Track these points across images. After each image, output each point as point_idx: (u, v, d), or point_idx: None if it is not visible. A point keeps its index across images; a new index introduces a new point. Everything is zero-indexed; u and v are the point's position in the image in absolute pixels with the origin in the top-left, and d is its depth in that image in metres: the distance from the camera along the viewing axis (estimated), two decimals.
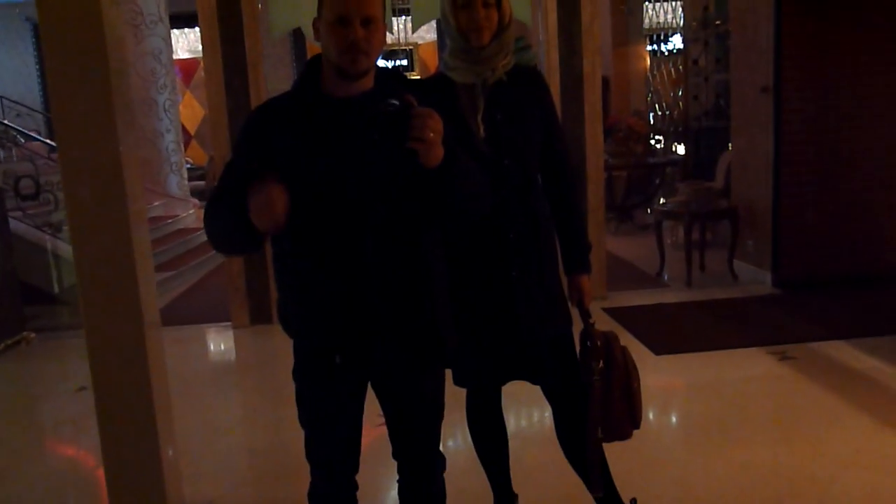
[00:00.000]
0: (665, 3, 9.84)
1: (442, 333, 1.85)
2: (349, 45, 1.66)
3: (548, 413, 2.40)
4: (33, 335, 3.28)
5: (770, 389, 3.81)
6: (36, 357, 5.18)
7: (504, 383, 2.34)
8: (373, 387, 1.90)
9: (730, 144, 6.66)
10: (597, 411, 2.18)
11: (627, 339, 4.50)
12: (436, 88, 2.12)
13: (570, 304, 2.29)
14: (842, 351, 4.22)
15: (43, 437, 3.98)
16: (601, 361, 2.19)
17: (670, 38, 9.85)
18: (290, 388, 1.89)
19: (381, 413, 1.94)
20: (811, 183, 5.54)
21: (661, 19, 10.05)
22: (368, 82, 1.75)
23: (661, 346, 4.44)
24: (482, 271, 2.12)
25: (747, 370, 4.07)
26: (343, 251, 1.73)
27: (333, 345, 1.80)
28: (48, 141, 7.54)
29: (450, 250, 1.93)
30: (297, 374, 1.88)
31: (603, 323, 4.67)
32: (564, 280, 2.28)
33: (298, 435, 1.93)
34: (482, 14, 2.05)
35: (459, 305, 2.00)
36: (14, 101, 10.46)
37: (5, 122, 8.40)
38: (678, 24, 9.30)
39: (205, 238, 8.67)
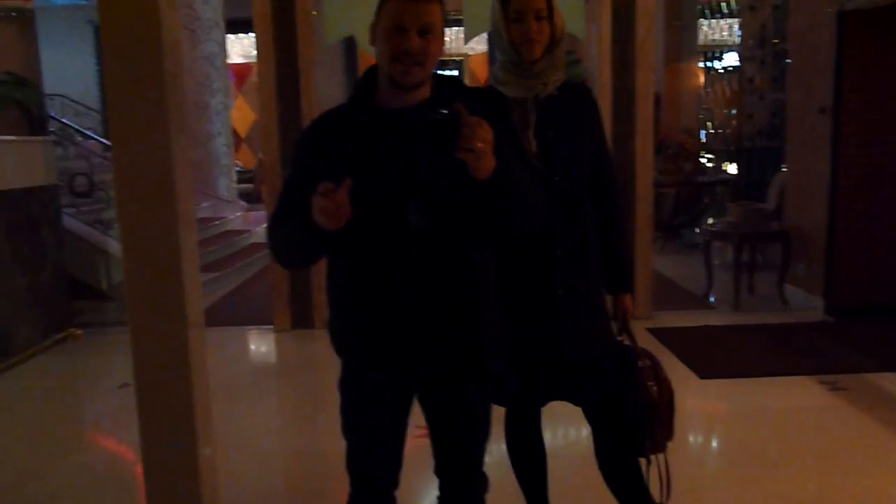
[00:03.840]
0: (721, 20, 9.70)
1: (488, 350, 1.80)
2: (402, 54, 1.63)
3: (585, 432, 2.35)
4: (79, 332, 3.34)
5: (818, 421, 3.69)
6: (82, 352, 5.29)
7: (545, 404, 2.29)
8: (419, 401, 1.88)
9: (783, 165, 6.50)
10: (656, 428, 2.17)
11: (671, 361, 4.40)
12: (488, 101, 2.10)
13: (612, 322, 2.25)
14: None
15: (84, 432, 4.05)
16: (653, 381, 2.16)
17: (725, 55, 9.70)
18: (329, 395, 1.88)
19: (421, 424, 1.91)
20: (868, 208, 5.37)
21: (717, 36, 9.91)
22: (424, 92, 1.71)
23: (705, 369, 4.34)
24: (526, 288, 2.08)
25: (795, 399, 3.95)
26: (389, 264, 1.71)
27: (377, 361, 1.78)
28: (103, 140, 7.71)
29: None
30: (343, 385, 1.87)
31: (647, 343, 4.56)
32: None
33: (336, 442, 1.91)
34: (534, 27, 2.02)
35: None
36: (73, 101, 10.74)
37: (64, 120, 8.62)
38: (734, 42, 9.15)
39: (251, 240, 8.83)
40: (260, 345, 5.57)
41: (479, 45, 13.29)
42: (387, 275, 1.71)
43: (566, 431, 3.54)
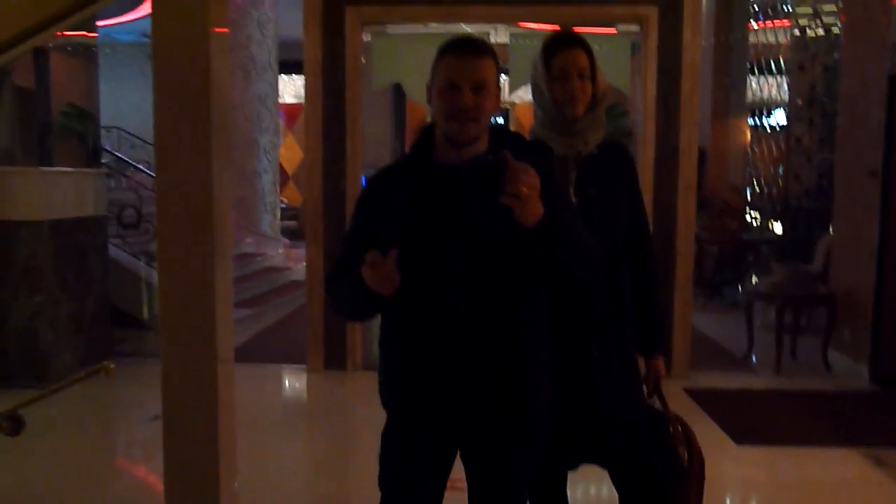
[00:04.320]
0: (770, 78, 9.63)
1: (535, 416, 1.77)
2: (456, 112, 1.65)
3: (607, 492, 2.28)
4: (112, 366, 3.38)
5: (861, 496, 3.54)
6: (118, 382, 5.34)
7: (576, 468, 2.24)
8: (461, 456, 1.86)
9: (830, 227, 6.37)
10: (685, 496, 2.12)
11: (707, 424, 4.27)
12: (536, 153, 2.10)
13: (645, 386, 2.21)
14: None
15: (113, 462, 4.08)
16: (684, 447, 2.11)
17: (773, 113, 9.61)
18: (358, 439, 1.88)
19: (455, 475, 1.88)
20: None
21: (765, 94, 9.83)
22: (481, 146, 1.72)
23: (743, 435, 4.20)
24: (560, 349, 2.05)
25: (837, 472, 3.80)
26: (434, 315, 1.71)
27: (423, 415, 1.77)
28: (153, 174, 7.92)
29: None
30: (386, 436, 1.86)
31: (683, 405, 4.48)
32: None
33: (363, 489, 1.90)
34: (577, 86, 2.03)
35: None
36: (129, 133, 11.09)
37: (117, 153, 8.89)
38: (782, 100, 9.07)
39: (291, 278, 8.93)
40: (292, 384, 5.58)
41: (526, 94, 13.42)
42: (432, 326, 1.72)
43: (589, 491, 3.45)
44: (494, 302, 1.71)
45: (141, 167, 8.47)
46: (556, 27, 5.99)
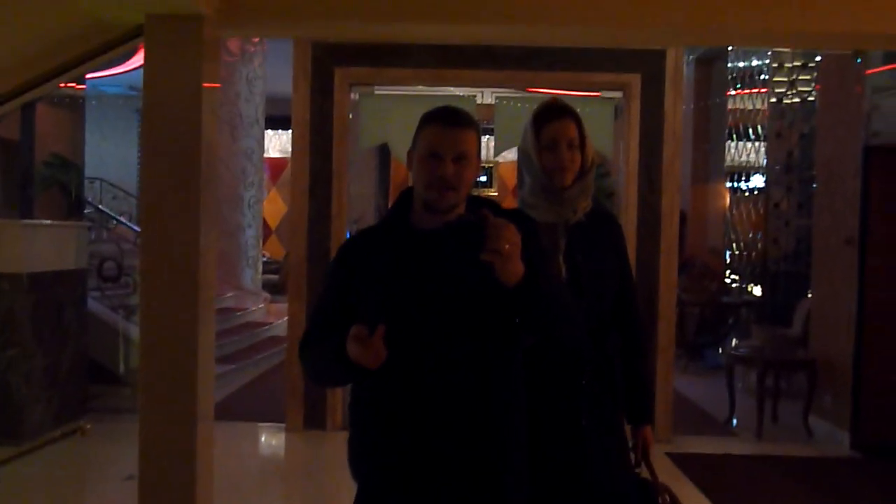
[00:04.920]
0: (748, 143, 9.86)
1: (510, 483, 1.73)
2: (437, 180, 1.67)
3: None
4: (89, 426, 3.32)
5: None
6: (93, 438, 5.22)
7: None
8: None
9: (809, 292, 6.44)
10: None
11: (691, 491, 4.24)
12: (517, 223, 2.12)
13: (633, 455, 2.19)
14: None
15: None
16: None
17: (752, 177, 9.80)
18: (337, 501, 1.82)
19: None
20: (895, 340, 5.26)
21: (744, 158, 10.04)
22: (457, 214, 1.72)
23: (725, 502, 4.17)
24: (549, 418, 2.03)
25: None
26: (412, 382, 1.69)
27: (395, 487, 1.73)
28: (135, 227, 7.88)
29: None
30: None
31: (666, 469, 4.43)
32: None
33: None
34: (567, 156, 2.06)
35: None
36: (112, 184, 11.07)
37: (100, 206, 8.85)
38: (760, 165, 9.26)
39: (271, 333, 8.83)
40: (270, 443, 5.48)
41: (510, 153, 13.61)
42: (408, 391, 1.69)
43: None
44: (472, 365, 1.69)
45: (122, 220, 8.43)
46: (542, 91, 6.13)
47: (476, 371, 1.69)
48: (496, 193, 13.83)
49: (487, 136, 10.39)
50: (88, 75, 9.57)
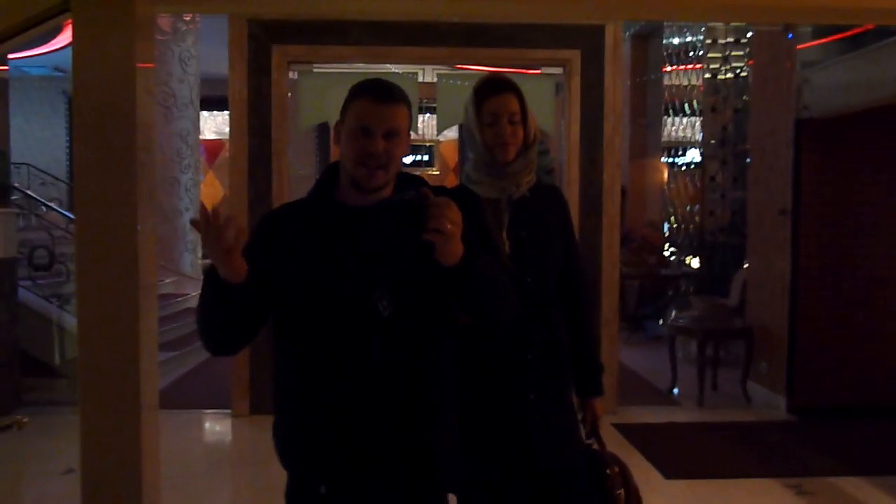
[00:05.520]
0: (684, 118, 10.05)
1: (442, 465, 1.71)
2: (367, 157, 1.61)
3: None
4: (26, 420, 3.19)
5: None
6: (28, 433, 5.04)
7: None
8: None
9: (745, 262, 6.63)
10: None
11: (637, 460, 4.35)
12: (460, 200, 2.10)
13: (583, 427, 2.22)
14: (860, 489, 4.04)
15: None
16: (621, 489, 2.12)
17: (688, 152, 10.01)
18: (284, 486, 1.78)
19: None
20: (828, 307, 5.47)
21: (680, 133, 10.24)
22: (387, 192, 1.68)
23: (671, 469, 4.28)
24: (496, 394, 2.04)
25: (762, 503, 3.90)
26: (350, 361, 1.64)
27: (325, 472, 1.68)
28: (67, 213, 7.61)
29: (462, 370, 1.86)
30: (288, 498, 1.77)
31: (613, 440, 4.53)
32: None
33: None
34: (508, 131, 2.05)
35: (469, 431, 1.90)
36: (40, 170, 10.65)
37: (28, 192, 8.51)
38: (696, 140, 9.46)
39: None
40: (217, 431, 5.39)
41: (451, 131, 13.58)
42: (348, 373, 1.64)
43: None
44: (415, 345, 1.66)
45: (53, 206, 8.12)
46: (484, 68, 6.11)
47: (408, 351, 1.65)
48: (437, 172, 13.81)
49: (429, 115, 10.37)
50: (10, 56, 9.14)
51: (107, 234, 2.74)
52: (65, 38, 8.58)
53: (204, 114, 11.54)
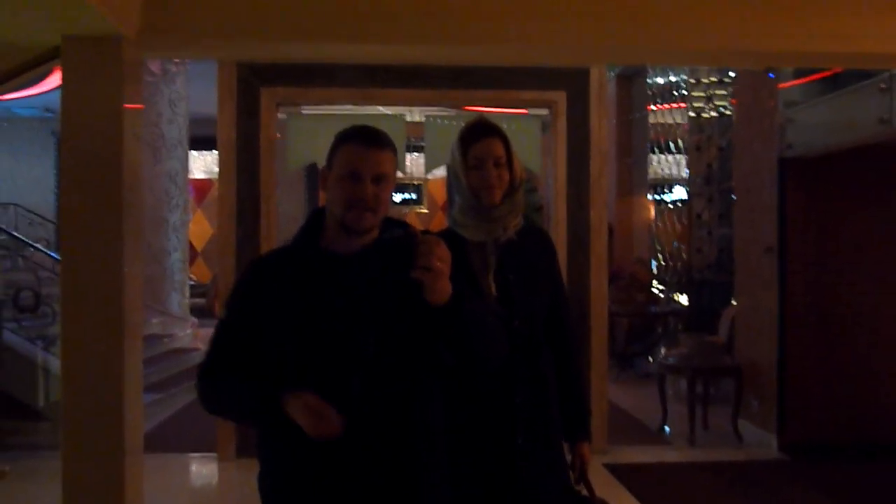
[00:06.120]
0: (670, 156, 10.18)
1: None
2: (357, 201, 1.63)
3: None
4: (7, 469, 3.14)
5: None
6: (10, 478, 4.95)
7: None
8: None
9: (733, 299, 6.66)
10: None
11: (629, 502, 4.30)
12: (447, 242, 2.11)
13: (572, 472, 2.20)
14: None
15: None
16: None
17: (674, 189, 10.11)
18: None
19: None
20: (817, 345, 5.48)
21: (666, 171, 10.35)
22: (372, 236, 1.70)
23: None
24: (484, 438, 2.02)
25: None
26: (339, 408, 1.62)
27: None
28: (53, 254, 7.56)
29: (450, 414, 1.84)
30: None
31: (603, 481, 4.49)
32: None
33: None
34: (494, 174, 2.07)
35: (458, 475, 1.88)
36: (28, 210, 10.63)
37: (14, 233, 8.47)
38: (682, 177, 9.57)
39: (199, 359, 8.57)
40: (203, 474, 5.31)
41: (440, 169, 13.67)
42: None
43: None
44: (399, 387, 1.65)
45: (39, 246, 8.07)
46: (471, 108, 6.18)
47: (395, 393, 1.65)
48: (426, 211, 13.87)
49: (417, 154, 10.45)
50: (0, 97, 9.18)
51: (92, 274, 2.74)
52: (55, 79, 8.63)
53: (193, 153, 11.59)
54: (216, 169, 5.39)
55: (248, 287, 1.74)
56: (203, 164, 14.57)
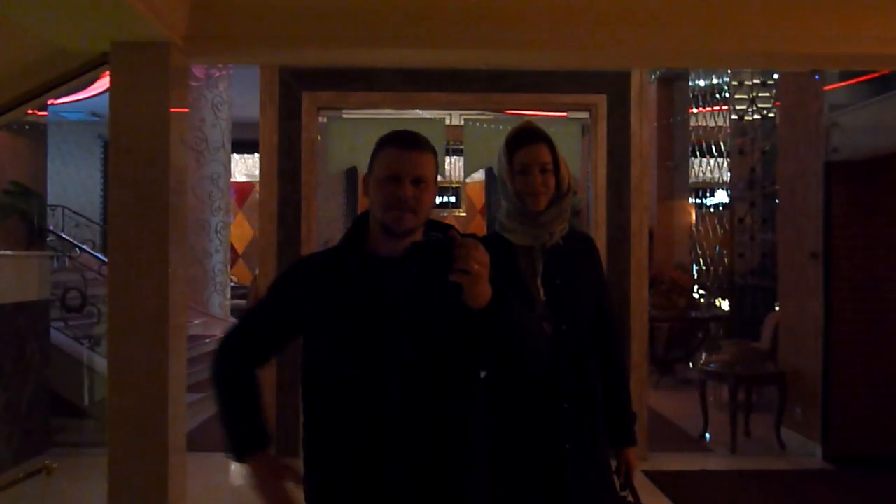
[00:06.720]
0: (711, 160, 10.04)
1: None
2: (396, 202, 1.64)
3: None
4: (54, 465, 3.21)
5: None
6: (56, 475, 5.05)
7: None
8: None
9: (776, 305, 6.53)
10: None
11: None
12: (493, 247, 2.10)
13: (616, 478, 2.18)
14: None
15: None
16: None
17: (716, 193, 9.97)
18: None
19: None
20: (864, 353, 5.35)
21: (707, 175, 10.21)
22: (415, 237, 1.70)
23: None
24: (532, 443, 2.02)
25: None
26: (373, 409, 1.65)
27: None
28: (99, 255, 7.73)
29: (497, 419, 1.85)
30: None
31: (644, 488, 4.42)
32: None
33: None
34: (539, 180, 2.06)
35: (504, 480, 1.88)
36: (75, 212, 10.88)
37: (62, 234, 8.69)
38: (724, 181, 9.43)
39: None
40: (243, 474, 5.36)
41: (478, 173, 13.67)
42: (367, 418, 1.65)
43: None
44: (437, 391, 1.66)
45: (86, 248, 8.27)
46: (511, 112, 6.17)
47: (438, 398, 1.66)
48: (465, 214, 13.86)
49: (456, 157, 10.45)
50: (49, 101, 9.43)
51: (139, 275, 2.80)
52: (102, 84, 8.84)
53: (234, 156, 11.77)
54: (257, 172, 5.47)
55: (291, 283, 1.78)
56: (245, 168, 14.76)
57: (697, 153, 9.93)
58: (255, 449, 1.80)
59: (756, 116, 8.43)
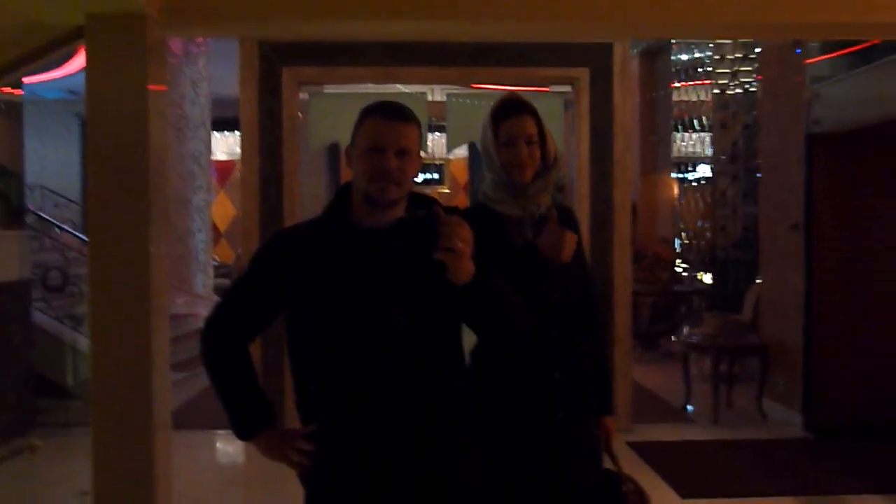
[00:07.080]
0: (694, 134, 10.05)
1: (460, 486, 1.70)
2: (380, 173, 1.63)
3: None
4: (40, 444, 3.18)
5: None
6: (42, 455, 5.06)
7: None
8: None
9: (758, 278, 6.59)
10: None
11: (653, 479, 4.30)
12: (481, 219, 2.03)
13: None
14: None
15: None
16: None
17: (698, 167, 10.00)
18: None
19: None
20: (844, 323, 5.42)
21: (690, 149, 10.23)
22: (399, 211, 1.70)
23: (687, 488, 4.24)
24: (524, 414, 2.03)
25: None
26: (365, 382, 1.65)
27: (338, 496, 1.69)
28: (79, 234, 7.65)
29: (488, 393, 1.85)
30: None
31: (628, 458, 4.49)
32: None
33: None
34: (525, 152, 2.05)
35: (500, 452, 1.89)
36: (53, 191, 10.74)
37: (41, 213, 8.58)
38: (706, 155, 9.45)
39: None
40: (228, 451, 5.38)
41: (461, 150, 13.62)
42: (363, 393, 1.65)
43: None
44: (429, 365, 1.67)
45: (66, 227, 8.18)
46: (493, 87, 6.13)
47: (420, 370, 1.66)
48: (448, 190, 13.83)
49: (438, 134, 10.40)
50: (25, 80, 9.27)
51: (120, 255, 2.77)
52: (79, 61, 8.69)
53: (215, 134, 11.65)
54: (238, 150, 5.42)
55: (273, 254, 1.76)
56: (225, 146, 14.62)
57: (680, 127, 9.94)
58: (261, 427, 1.80)
59: (738, 90, 8.44)
